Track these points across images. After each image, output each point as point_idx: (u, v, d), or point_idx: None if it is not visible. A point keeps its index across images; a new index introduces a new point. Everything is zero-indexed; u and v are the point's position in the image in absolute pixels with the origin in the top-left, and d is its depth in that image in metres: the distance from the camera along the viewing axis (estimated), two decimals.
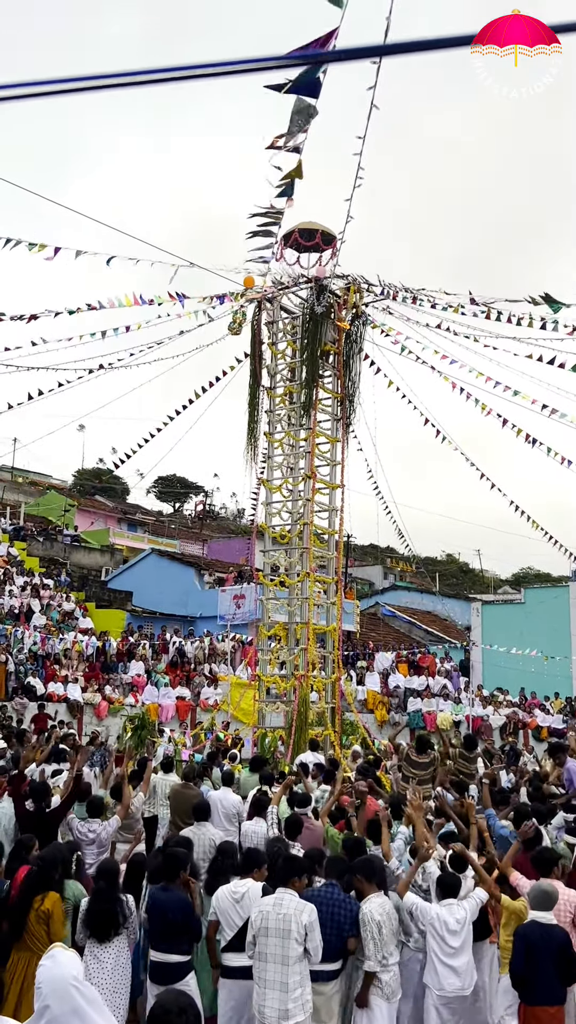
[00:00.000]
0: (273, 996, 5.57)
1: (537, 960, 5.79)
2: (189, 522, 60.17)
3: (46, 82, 2.64)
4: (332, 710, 16.01)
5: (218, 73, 2.39)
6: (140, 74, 2.38)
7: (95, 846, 8.29)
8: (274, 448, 16.63)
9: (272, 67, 2.50)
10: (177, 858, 6.57)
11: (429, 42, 2.66)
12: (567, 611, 29.15)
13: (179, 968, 6.18)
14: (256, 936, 5.74)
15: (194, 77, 2.40)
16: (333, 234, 15.69)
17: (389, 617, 37.12)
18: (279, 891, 5.89)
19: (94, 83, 2.47)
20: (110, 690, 20.69)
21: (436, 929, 6.33)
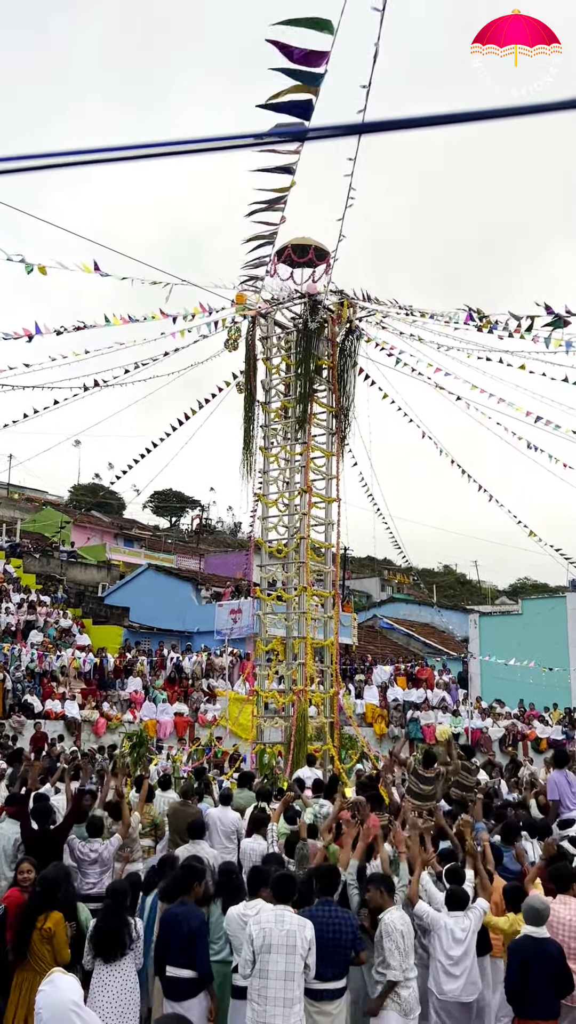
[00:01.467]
0: (276, 1012, 5.56)
1: (531, 974, 5.80)
2: (186, 537, 60.18)
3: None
4: (331, 724, 15.97)
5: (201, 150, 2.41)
6: (115, 150, 2.40)
7: (97, 865, 8.24)
8: (270, 462, 16.66)
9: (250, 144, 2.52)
10: (194, 872, 6.54)
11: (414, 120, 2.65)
12: (565, 622, 29.16)
13: (194, 983, 6.14)
14: (257, 953, 5.70)
15: (173, 154, 2.43)
16: (326, 249, 15.78)
17: (387, 630, 37.07)
18: (278, 908, 5.88)
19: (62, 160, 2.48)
20: (108, 707, 20.62)
21: (442, 937, 6.39)
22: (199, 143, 2.40)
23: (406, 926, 6.16)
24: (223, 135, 2.38)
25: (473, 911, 6.57)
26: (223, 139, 2.39)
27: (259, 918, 5.87)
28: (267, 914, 5.88)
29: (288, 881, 6.05)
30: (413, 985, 6.12)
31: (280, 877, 6.14)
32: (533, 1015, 5.79)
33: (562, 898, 6.52)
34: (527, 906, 6.04)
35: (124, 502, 55.37)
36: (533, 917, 5.94)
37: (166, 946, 6.22)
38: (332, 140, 11.18)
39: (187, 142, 2.40)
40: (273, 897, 6.00)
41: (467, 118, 2.34)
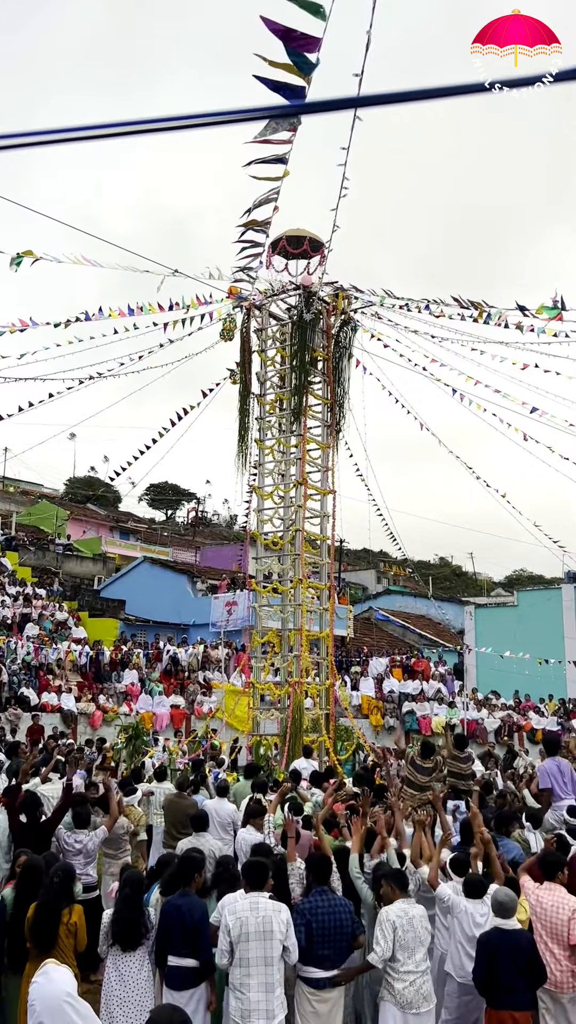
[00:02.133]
0: (259, 998, 5.62)
1: (500, 966, 5.84)
2: (181, 529, 60.15)
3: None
4: (327, 716, 16.00)
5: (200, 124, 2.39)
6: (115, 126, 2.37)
7: (81, 856, 8.31)
8: (265, 455, 16.65)
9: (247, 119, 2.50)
10: (194, 863, 6.56)
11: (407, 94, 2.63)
12: (560, 613, 29.23)
13: (196, 973, 6.18)
14: (235, 943, 5.74)
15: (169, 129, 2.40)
16: (320, 241, 15.74)
17: (383, 622, 37.11)
18: (252, 895, 5.92)
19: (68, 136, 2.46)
20: (104, 699, 20.63)
21: (462, 920, 6.43)
22: (194, 119, 2.39)
23: (403, 919, 6.15)
24: (215, 111, 2.36)
25: (491, 897, 6.58)
26: (215, 115, 2.37)
27: (234, 907, 5.89)
28: (241, 903, 5.91)
29: (260, 868, 6.07)
30: (413, 980, 6.06)
31: (251, 864, 6.17)
32: (504, 1005, 5.83)
33: (548, 885, 6.56)
34: (493, 900, 6.09)
35: (120, 495, 55.29)
36: (499, 910, 5.99)
37: (168, 936, 6.24)
38: (324, 133, 11.10)
39: (181, 118, 2.38)
40: (247, 884, 6.02)
41: (459, 91, 2.33)
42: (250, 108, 2.59)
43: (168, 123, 2.39)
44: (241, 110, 2.49)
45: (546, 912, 6.43)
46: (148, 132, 2.41)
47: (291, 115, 5.79)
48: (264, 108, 2.83)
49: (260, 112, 2.75)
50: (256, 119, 2.40)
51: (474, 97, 2.53)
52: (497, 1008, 5.86)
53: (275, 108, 3.08)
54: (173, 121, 2.39)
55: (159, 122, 2.39)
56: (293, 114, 5.78)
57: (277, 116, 5.63)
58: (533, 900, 6.53)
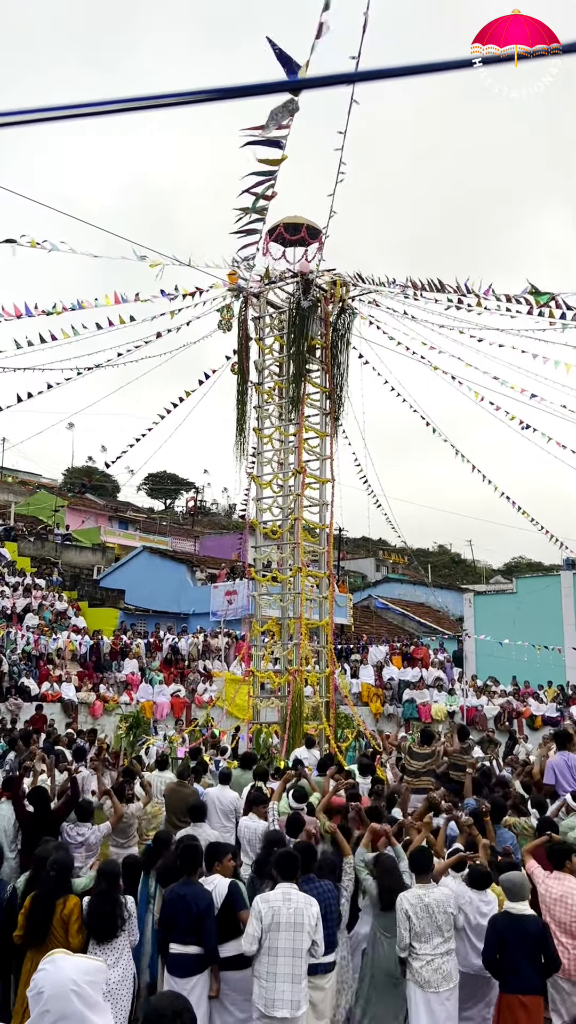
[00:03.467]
0: (285, 988, 5.71)
1: (509, 950, 5.87)
2: (180, 519, 60.14)
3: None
4: (327, 704, 16.04)
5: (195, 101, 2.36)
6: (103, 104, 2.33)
7: (83, 849, 8.33)
8: (264, 443, 16.62)
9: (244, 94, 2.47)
10: (196, 851, 6.59)
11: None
12: (559, 600, 29.24)
13: (199, 960, 6.21)
14: (266, 931, 5.80)
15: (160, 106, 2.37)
16: (318, 228, 15.65)
17: (382, 610, 37.17)
18: (283, 885, 5.97)
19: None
20: (104, 689, 20.67)
21: (468, 912, 6.45)
22: (187, 95, 2.36)
23: (415, 907, 6.19)
24: (210, 88, 2.33)
25: (503, 880, 6.61)
26: (210, 91, 2.34)
27: (267, 896, 5.95)
28: (275, 892, 5.97)
29: (291, 859, 6.13)
30: (431, 960, 6.12)
31: (283, 855, 6.20)
32: (514, 989, 5.87)
33: (557, 874, 6.59)
34: (507, 880, 6.11)
35: (118, 484, 55.26)
36: (512, 892, 6.01)
37: (172, 925, 6.25)
38: (320, 119, 11.04)
39: (173, 95, 2.36)
40: (278, 875, 6.06)
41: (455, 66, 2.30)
42: (245, 85, 2.55)
43: (160, 100, 2.36)
44: (235, 88, 2.46)
45: (555, 901, 6.46)
46: (140, 109, 2.38)
47: (288, 89, 5.73)
48: (260, 85, 2.79)
49: (254, 88, 2.72)
50: (250, 95, 2.37)
51: (465, 85, 2.52)
52: (507, 991, 5.91)
53: (271, 84, 3.04)
54: (165, 99, 2.36)
55: (150, 99, 2.36)
56: (290, 88, 5.71)
57: (272, 91, 5.57)
58: (543, 889, 6.55)
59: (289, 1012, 5.69)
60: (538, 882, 6.60)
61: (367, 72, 2.62)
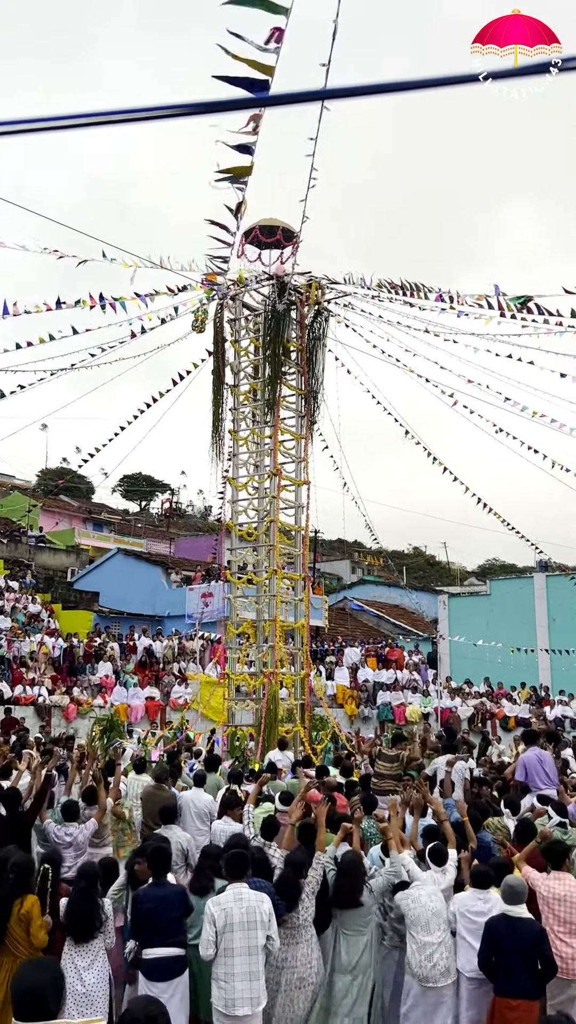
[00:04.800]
0: (244, 987, 5.80)
1: (504, 953, 5.87)
2: (156, 521, 59.87)
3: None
4: (301, 706, 16.05)
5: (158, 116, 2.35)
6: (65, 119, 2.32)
7: (72, 849, 8.27)
8: (239, 445, 16.61)
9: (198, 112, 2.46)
10: (166, 854, 6.57)
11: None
12: (532, 602, 29.50)
13: (176, 963, 6.19)
14: (220, 933, 5.86)
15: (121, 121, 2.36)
16: (294, 231, 15.68)
17: (357, 611, 37.26)
18: (234, 886, 6.07)
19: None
20: (78, 692, 20.52)
21: (463, 915, 6.45)
22: (155, 111, 2.36)
23: (406, 901, 6.43)
24: (178, 103, 2.34)
25: (503, 883, 6.62)
26: (178, 107, 2.35)
27: (218, 899, 6.02)
28: (226, 894, 6.05)
29: (240, 859, 6.23)
30: (430, 954, 6.29)
31: (232, 855, 6.30)
32: (508, 993, 5.86)
33: (556, 874, 6.58)
34: (505, 884, 6.10)
35: (93, 486, 54.88)
36: (510, 896, 6.01)
37: (146, 928, 6.22)
38: (291, 124, 11.06)
39: (142, 110, 2.35)
40: (229, 876, 6.15)
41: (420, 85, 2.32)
42: (214, 102, 2.56)
43: (126, 115, 2.36)
44: (204, 103, 2.47)
45: (559, 901, 6.44)
46: (104, 124, 2.38)
47: (254, 106, 5.75)
48: (229, 101, 2.79)
49: (223, 105, 2.72)
50: (219, 111, 2.36)
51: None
52: (501, 995, 5.91)
53: (237, 101, 3.04)
54: (132, 113, 2.36)
55: (117, 114, 2.36)
56: (256, 105, 5.74)
57: (238, 109, 5.59)
58: (544, 890, 6.52)
59: (249, 1009, 5.79)
60: (537, 883, 6.58)
61: (338, 89, 2.64)
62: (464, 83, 2.23)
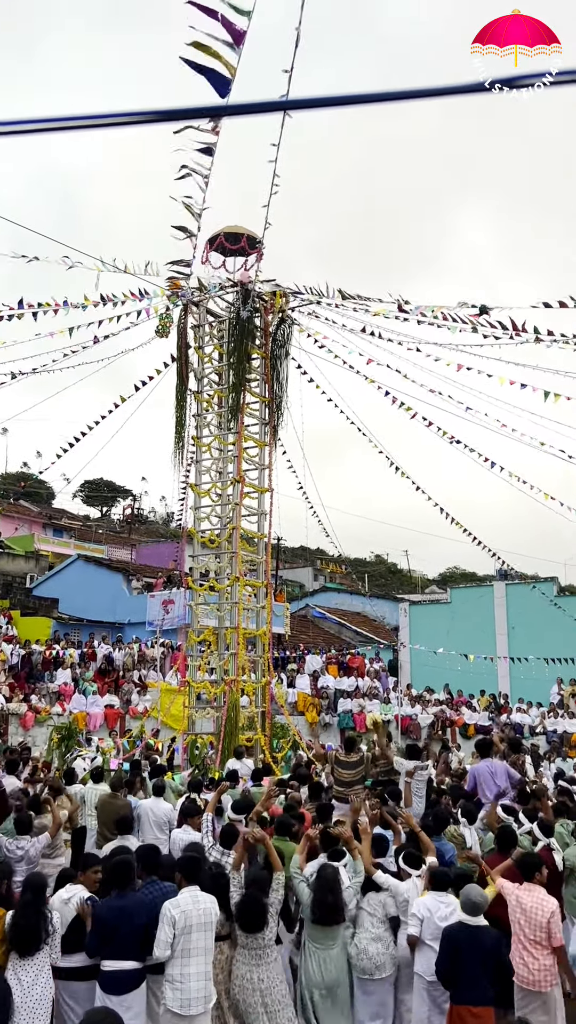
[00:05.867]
0: (199, 986, 5.94)
1: (462, 961, 5.91)
2: (117, 527, 59.38)
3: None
4: (263, 714, 16.00)
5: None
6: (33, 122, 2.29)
7: (24, 863, 8.13)
8: (202, 452, 16.55)
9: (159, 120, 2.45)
10: (129, 865, 6.47)
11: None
12: (491, 610, 29.79)
13: (137, 976, 6.10)
14: (179, 935, 5.93)
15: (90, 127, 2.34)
16: (257, 238, 15.70)
17: (319, 619, 37.29)
18: (190, 888, 6.18)
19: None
20: (36, 699, 20.25)
21: (426, 920, 6.48)
22: (113, 118, 2.34)
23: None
24: (136, 111, 2.32)
25: (463, 894, 6.64)
26: (136, 114, 2.33)
27: (176, 901, 6.08)
28: (183, 896, 6.13)
29: (194, 862, 6.38)
30: (365, 947, 6.67)
31: (187, 858, 6.44)
32: (464, 1000, 5.90)
33: (527, 886, 6.62)
34: (464, 896, 6.13)
35: (53, 491, 54.30)
36: (470, 908, 6.04)
37: (108, 940, 6.11)
38: (253, 130, 11.07)
39: (98, 116, 2.34)
40: (184, 879, 6.25)
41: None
42: (174, 109, 2.55)
43: (84, 121, 2.34)
44: (165, 111, 2.46)
45: (526, 913, 6.48)
46: (61, 130, 2.36)
47: (215, 116, 5.75)
48: (187, 109, 2.79)
49: (182, 112, 2.71)
50: (178, 119, 2.35)
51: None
52: (457, 1003, 5.94)
53: (198, 109, 3.04)
54: (90, 119, 2.34)
55: (74, 120, 2.33)
56: (216, 115, 5.73)
57: (201, 117, 5.58)
58: (513, 901, 6.56)
59: (203, 1007, 5.95)
60: (508, 894, 6.62)
61: (300, 100, 2.64)
62: (422, 97, 2.25)
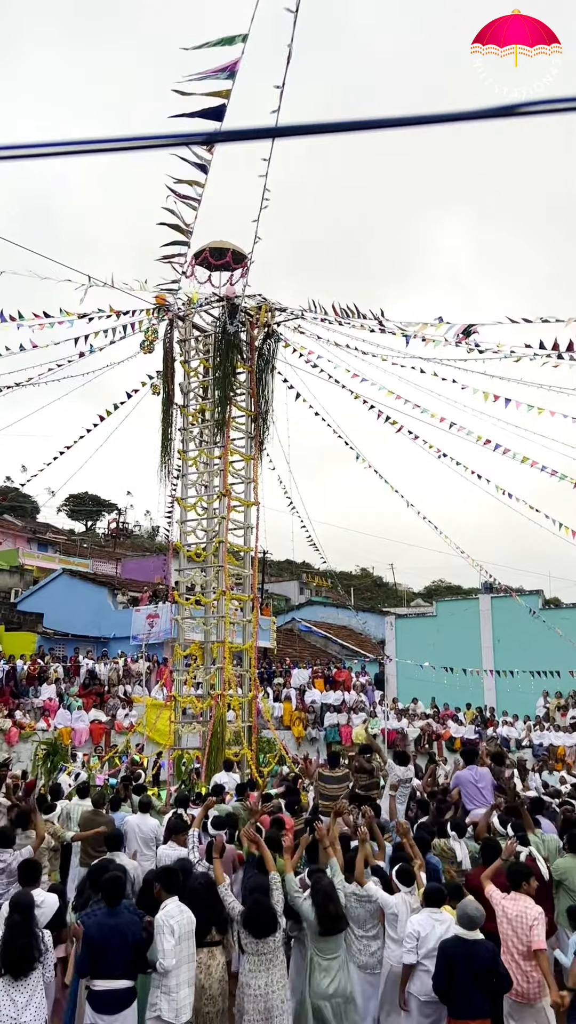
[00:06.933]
0: (187, 993, 6.16)
1: (458, 975, 5.89)
2: (102, 541, 59.19)
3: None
4: (249, 728, 15.95)
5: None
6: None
7: (4, 876, 8.04)
8: (188, 466, 16.56)
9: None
10: (120, 882, 6.41)
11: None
12: (477, 623, 29.84)
13: (125, 995, 6.05)
14: (177, 943, 6.11)
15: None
16: (244, 253, 15.78)
17: (306, 633, 37.24)
18: (173, 899, 6.32)
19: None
20: (21, 715, 20.10)
21: (422, 938, 6.42)
22: (103, 143, 2.36)
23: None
24: (129, 135, 2.35)
25: (459, 908, 6.61)
26: (129, 139, 2.36)
27: (167, 912, 6.22)
28: (171, 908, 6.26)
29: (175, 873, 6.52)
30: (366, 944, 7.01)
31: (166, 870, 6.59)
32: (462, 1015, 5.88)
33: (514, 895, 6.61)
34: (461, 910, 6.11)
35: (38, 505, 54.09)
36: (466, 922, 6.03)
37: (100, 958, 6.03)
38: (243, 147, 11.18)
39: (95, 141, 2.36)
40: (165, 891, 6.36)
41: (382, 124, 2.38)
42: (163, 135, 2.58)
43: (73, 147, 2.36)
44: (154, 136, 2.48)
45: (511, 921, 6.49)
46: (44, 156, 2.37)
47: (205, 143, 5.80)
48: (176, 135, 2.81)
49: (173, 139, 2.73)
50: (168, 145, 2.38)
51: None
52: (455, 1017, 5.93)
53: (187, 135, 3.07)
54: (78, 145, 2.36)
55: (64, 145, 2.36)
56: (206, 142, 5.79)
57: (190, 143, 5.63)
58: (499, 910, 6.55)
59: (188, 1014, 6.14)
60: (496, 903, 6.63)
61: (290, 127, 2.67)
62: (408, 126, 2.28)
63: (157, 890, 6.38)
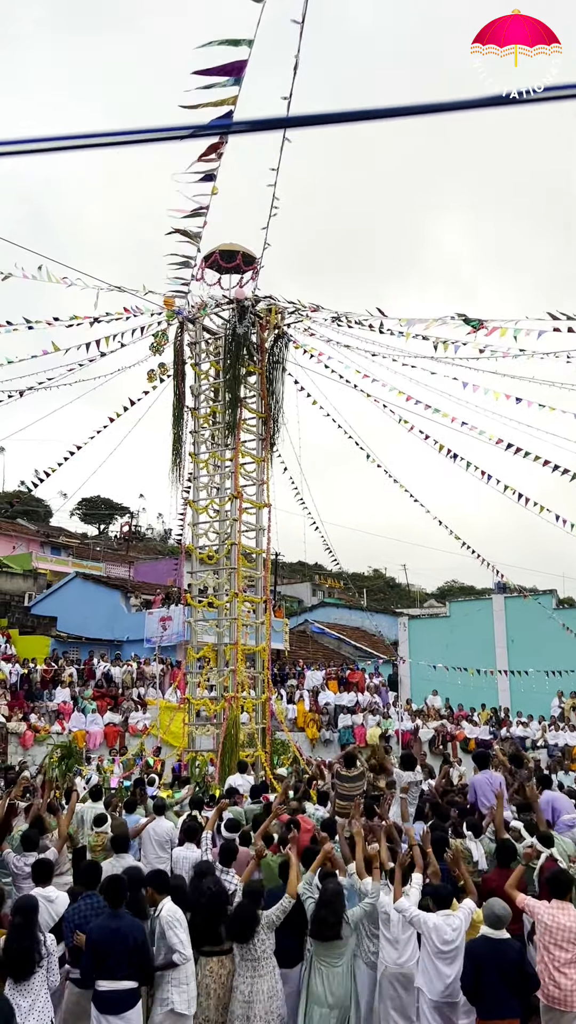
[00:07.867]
0: (194, 984, 6.43)
1: (486, 975, 5.84)
2: (115, 544, 59.34)
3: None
4: (263, 730, 15.95)
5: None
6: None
7: (31, 879, 8.05)
8: (199, 468, 16.58)
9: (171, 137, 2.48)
10: (121, 883, 6.43)
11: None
12: (491, 623, 29.72)
13: (133, 995, 6.08)
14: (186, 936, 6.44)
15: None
16: (253, 255, 15.80)
17: (318, 634, 37.19)
18: (167, 900, 6.55)
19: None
20: (35, 718, 20.17)
21: (431, 937, 6.41)
22: (118, 135, 2.37)
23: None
24: (137, 128, 2.35)
25: (461, 910, 6.60)
26: (142, 131, 2.36)
27: (172, 909, 6.46)
28: (171, 905, 6.53)
29: (162, 876, 6.86)
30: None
31: (154, 873, 6.93)
32: (491, 1015, 5.83)
33: (558, 903, 6.43)
34: (488, 910, 6.06)
35: (51, 509, 54.29)
36: (493, 921, 5.98)
37: (104, 960, 6.05)
38: (251, 151, 11.19)
39: (105, 135, 2.36)
40: (157, 892, 6.59)
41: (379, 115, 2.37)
42: (174, 127, 2.58)
43: (81, 140, 2.37)
44: (165, 128, 2.49)
45: (562, 931, 6.27)
46: (54, 151, 2.38)
47: (214, 134, 5.82)
48: (186, 127, 2.82)
49: (183, 130, 2.74)
50: (178, 138, 2.38)
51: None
52: (485, 1018, 5.88)
53: (198, 127, 3.07)
54: (87, 139, 2.37)
55: (69, 139, 2.36)
56: (217, 133, 5.80)
57: (199, 135, 5.62)
58: (548, 919, 6.33)
59: (195, 1006, 6.42)
60: (540, 913, 6.44)
61: (298, 118, 2.67)
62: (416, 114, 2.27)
63: (150, 893, 6.63)
